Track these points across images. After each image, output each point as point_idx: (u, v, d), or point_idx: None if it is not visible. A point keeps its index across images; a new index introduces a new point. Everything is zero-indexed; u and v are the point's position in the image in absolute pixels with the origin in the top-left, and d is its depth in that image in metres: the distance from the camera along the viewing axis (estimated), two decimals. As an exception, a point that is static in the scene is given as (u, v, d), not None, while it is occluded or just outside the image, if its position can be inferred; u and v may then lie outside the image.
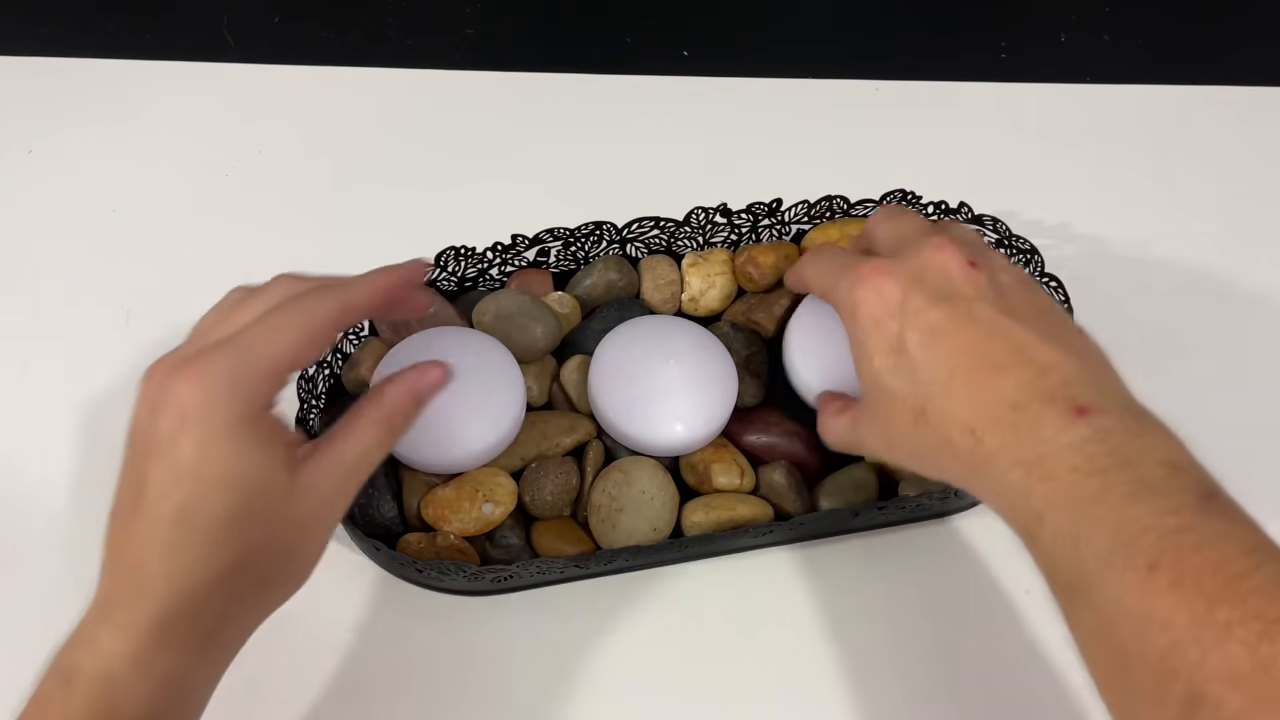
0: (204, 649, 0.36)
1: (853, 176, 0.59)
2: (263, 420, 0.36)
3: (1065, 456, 0.33)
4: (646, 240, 0.56)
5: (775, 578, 0.51)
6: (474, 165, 0.65)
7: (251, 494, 0.35)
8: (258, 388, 0.35)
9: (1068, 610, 0.34)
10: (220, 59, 0.69)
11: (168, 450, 0.34)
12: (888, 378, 0.39)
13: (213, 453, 0.34)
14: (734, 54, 0.70)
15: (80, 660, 0.35)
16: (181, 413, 0.34)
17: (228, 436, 0.34)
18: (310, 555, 0.39)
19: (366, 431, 0.39)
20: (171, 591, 0.34)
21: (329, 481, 0.37)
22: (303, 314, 0.37)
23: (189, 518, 0.34)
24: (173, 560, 0.34)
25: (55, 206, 0.63)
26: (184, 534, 0.34)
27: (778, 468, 0.50)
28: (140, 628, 0.34)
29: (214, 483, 0.34)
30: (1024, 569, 0.51)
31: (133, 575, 0.35)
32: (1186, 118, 0.67)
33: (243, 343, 0.35)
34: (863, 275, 0.40)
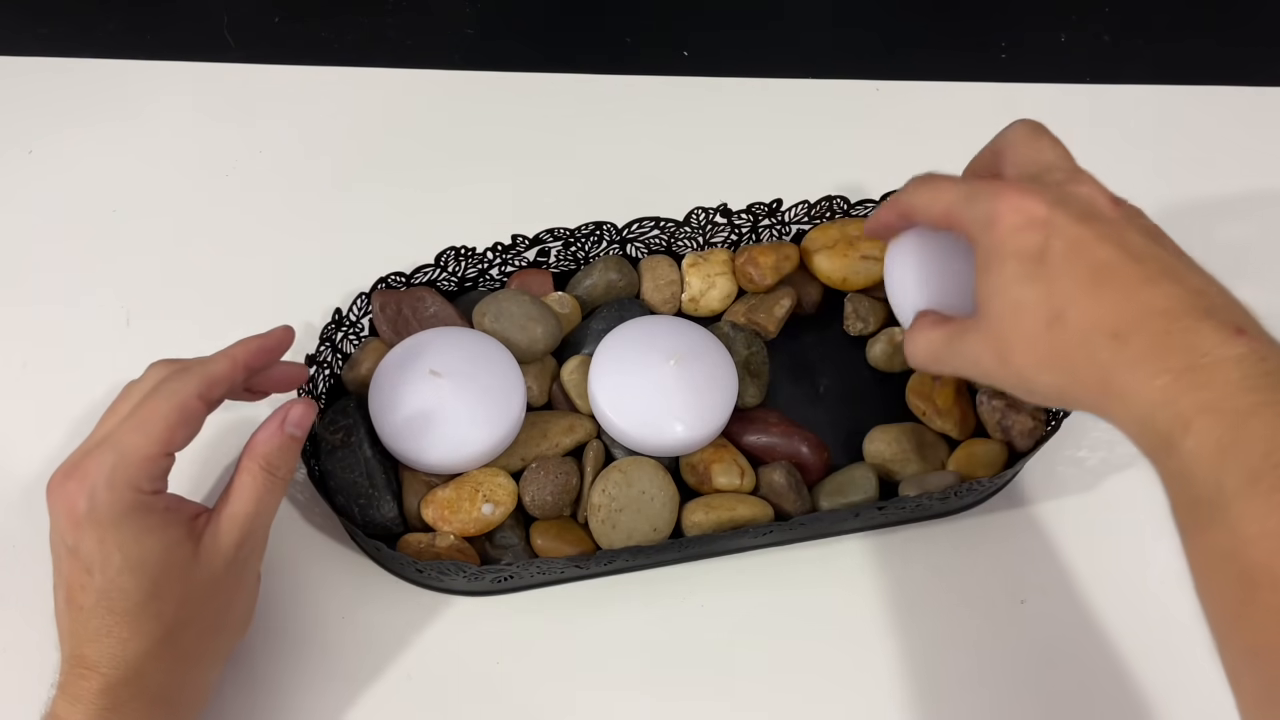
0: (157, 705, 0.41)
1: (853, 176, 0.59)
2: (153, 504, 0.40)
3: (1222, 369, 0.33)
4: (646, 240, 0.56)
5: (775, 578, 0.51)
6: (474, 165, 0.65)
7: (159, 571, 0.39)
8: (136, 478, 0.39)
9: (1193, 527, 0.33)
10: (220, 59, 0.69)
11: (73, 551, 0.39)
12: (1020, 286, 0.37)
13: (110, 545, 0.39)
14: (734, 54, 0.70)
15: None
16: (74, 517, 0.39)
17: (120, 527, 0.39)
18: (240, 606, 0.44)
19: (248, 485, 0.42)
20: (111, 667, 0.39)
21: (229, 541, 0.41)
22: (164, 399, 0.40)
23: (107, 604, 0.39)
24: (103, 643, 0.39)
25: (55, 206, 0.62)
26: (107, 619, 0.39)
27: (778, 468, 0.50)
28: (88, 698, 0.39)
29: (120, 570, 0.39)
30: (1023, 569, 0.51)
31: (76, 659, 0.39)
32: (1186, 118, 0.67)
33: (113, 442, 0.39)
34: (1002, 191, 0.38)
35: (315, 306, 0.58)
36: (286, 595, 0.50)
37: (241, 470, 0.42)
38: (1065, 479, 0.54)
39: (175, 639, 0.40)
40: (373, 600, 0.50)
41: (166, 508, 0.40)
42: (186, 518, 0.41)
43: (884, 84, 0.69)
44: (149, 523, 0.39)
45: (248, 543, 0.42)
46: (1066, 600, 0.51)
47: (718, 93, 0.68)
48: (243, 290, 0.59)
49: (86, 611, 0.39)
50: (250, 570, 0.44)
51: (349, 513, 0.49)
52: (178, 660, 0.41)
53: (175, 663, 0.41)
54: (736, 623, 0.50)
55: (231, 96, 0.67)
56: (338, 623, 0.50)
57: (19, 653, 0.49)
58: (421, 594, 0.50)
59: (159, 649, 0.40)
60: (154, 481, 0.40)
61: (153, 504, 0.40)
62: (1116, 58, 0.70)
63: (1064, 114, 0.67)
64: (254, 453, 0.42)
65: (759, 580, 0.51)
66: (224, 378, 0.42)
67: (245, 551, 0.42)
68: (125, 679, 0.39)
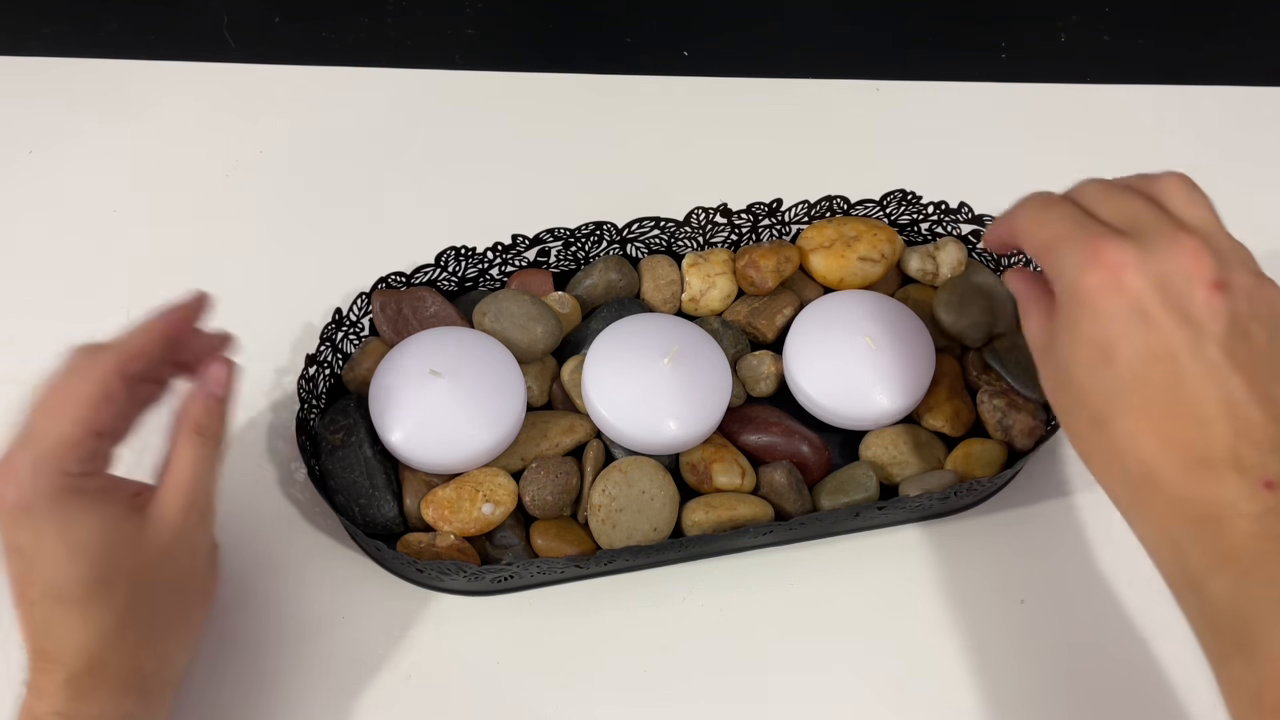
0: (125, 689, 0.40)
1: (853, 176, 0.59)
2: (84, 486, 0.39)
3: (1242, 522, 0.34)
4: (647, 240, 0.56)
5: (775, 578, 0.51)
6: (474, 165, 0.65)
7: (102, 553, 0.38)
8: (62, 463, 0.38)
9: (1222, 665, 0.35)
10: (220, 59, 0.69)
11: (14, 547, 0.38)
12: (1083, 372, 0.37)
13: (46, 534, 0.38)
14: (734, 54, 0.70)
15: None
16: (7, 513, 0.38)
17: (53, 515, 0.38)
18: (197, 577, 0.43)
19: (184, 452, 0.41)
20: (71, 657, 0.39)
21: (174, 510, 0.41)
22: (79, 379, 0.39)
23: (55, 595, 0.38)
24: (58, 635, 0.39)
25: (55, 206, 0.63)
26: (57, 609, 0.38)
27: (778, 468, 0.50)
28: (54, 690, 0.39)
29: (60, 559, 0.38)
30: (1022, 569, 0.52)
31: (38, 654, 0.39)
32: (1187, 118, 0.67)
33: (29, 432, 0.39)
34: (1102, 258, 0.36)
35: (315, 306, 0.58)
36: (286, 595, 0.50)
37: (175, 439, 0.41)
38: (1065, 479, 0.54)
39: (133, 619, 0.40)
40: (373, 600, 0.50)
41: (101, 488, 0.40)
42: (126, 495, 0.40)
43: (884, 84, 0.69)
44: (83, 504, 0.38)
45: (193, 510, 0.41)
46: (1066, 600, 0.51)
47: (718, 93, 0.68)
48: (243, 290, 0.59)
49: (37, 605, 0.39)
50: (202, 537, 0.43)
51: (349, 513, 0.49)
52: (140, 641, 0.40)
53: (137, 644, 0.40)
54: (736, 622, 0.50)
55: (231, 96, 0.67)
56: (338, 623, 0.50)
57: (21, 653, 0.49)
58: (422, 594, 0.50)
59: (117, 632, 0.39)
60: (82, 464, 0.39)
61: (84, 486, 0.39)
62: (1116, 58, 0.71)
63: (1064, 114, 0.68)
64: (183, 420, 0.42)
65: (759, 580, 0.51)
66: (140, 351, 0.41)
67: (192, 519, 0.41)
68: (88, 667, 0.39)
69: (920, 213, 0.56)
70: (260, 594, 0.50)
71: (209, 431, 0.42)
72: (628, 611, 0.50)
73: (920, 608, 0.51)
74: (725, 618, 0.50)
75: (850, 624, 0.50)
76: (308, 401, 0.50)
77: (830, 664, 0.49)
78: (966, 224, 0.56)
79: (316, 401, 0.51)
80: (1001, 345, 0.53)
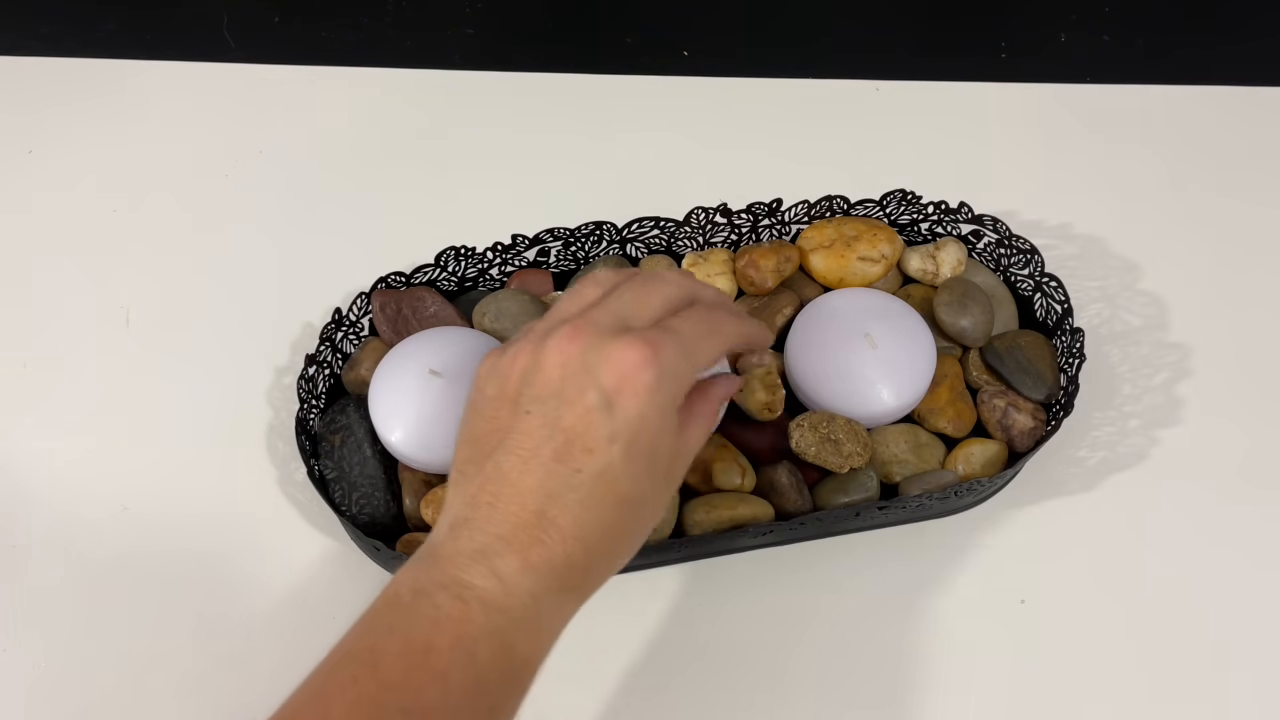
0: (581, 599, 0.37)
1: (853, 176, 0.59)
2: (679, 408, 0.38)
3: None
4: (646, 240, 0.56)
5: (775, 578, 0.51)
6: (474, 165, 0.65)
7: (660, 469, 0.37)
8: (688, 381, 0.38)
9: None
10: (220, 59, 0.69)
11: (605, 413, 0.35)
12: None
13: (649, 428, 0.36)
14: (734, 54, 0.70)
15: (479, 585, 0.35)
16: (630, 384, 0.35)
17: (663, 417, 0.36)
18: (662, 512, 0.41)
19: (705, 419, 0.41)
20: (578, 540, 0.35)
21: (683, 470, 0.40)
22: (730, 327, 0.40)
23: (610, 479, 0.36)
24: (586, 513, 0.35)
25: (55, 206, 0.63)
26: (604, 492, 0.36)
27: (779, 467, 0.50)
28: (546, 569, 0.35)
29: (641, 455, 0.36)
30: (1023, 569, 0.52)
31: (539, 519, 0.35)
32: (1186, 118, 0.67)
33: (687, 339, 0.37)
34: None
35: (315, 306, 0.58)
36: (286, 595, 0.50)
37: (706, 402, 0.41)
38: (1065, 479, 0.54)
39: (626, 535, 0.37)
40: (373, 600, 0.50)
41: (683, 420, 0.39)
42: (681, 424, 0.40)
43: (884, 84, 0.69)
44: (674, 425, 0.37)
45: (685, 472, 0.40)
46: (1066, 600, 0.51)
47: (718, 93, 0.68)
48: (243, 290, 0.59)
49: (580, 477, 0.35)
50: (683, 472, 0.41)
51: (349, 513, 0.49)
52: (612, 555, 0.38)
53: (609, 558, 0.37)
54: (736, 622, 0.50)
55: (231, 96, 0.67)
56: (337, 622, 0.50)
57: (21, 652, 0.49)
58: (418, 594, 0.50)
59: (615, 540, 0.37)
60: None
61: (679, 410, 0.38)
62: (1116, 58, 0.71)
63: (1064, 114, 0.68)
64: (712, 394, 0.41)
65: (759, 580, 0.51)
66: (750, 342, 0.42)
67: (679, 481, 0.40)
68: (579, 560, 0.36)
69: (920, 213, 0.56)
70: (260, 594, 0.50)
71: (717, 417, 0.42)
72: (626, 611, 0.50)
73: (920, 608, 0.51)
74: (725, 618, 0.50)
75: (850, 624, 0.50)
76: (307, 401, 0.50)
77: (830, 664, 0.49)
78: (966, 224, 0.56)
79: (316, 401, 0.51)
80: (1001, 345, 0.53)
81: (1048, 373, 0.52)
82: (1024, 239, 0.54)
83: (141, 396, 0.56)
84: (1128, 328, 0.58)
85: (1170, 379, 0.57)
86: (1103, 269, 0.61)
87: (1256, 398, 0.56)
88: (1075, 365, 0.51)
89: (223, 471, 0.53)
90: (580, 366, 0.36)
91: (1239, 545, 0.52)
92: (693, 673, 0.49)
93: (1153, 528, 0.52)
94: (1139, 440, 0.55)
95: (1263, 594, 0.51)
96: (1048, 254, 0.55)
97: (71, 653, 0.49)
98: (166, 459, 0.54)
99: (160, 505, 0.53)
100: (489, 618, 0.34)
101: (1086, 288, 0.60)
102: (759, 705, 0.48)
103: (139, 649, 0.49)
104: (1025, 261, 0.55)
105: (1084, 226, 0.62)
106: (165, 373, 0.57)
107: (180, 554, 0.51)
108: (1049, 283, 0.53)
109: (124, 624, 0.50)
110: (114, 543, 0.52)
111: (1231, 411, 0.56)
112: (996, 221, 0.55)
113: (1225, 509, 0.53)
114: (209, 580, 0.51)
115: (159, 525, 0.52)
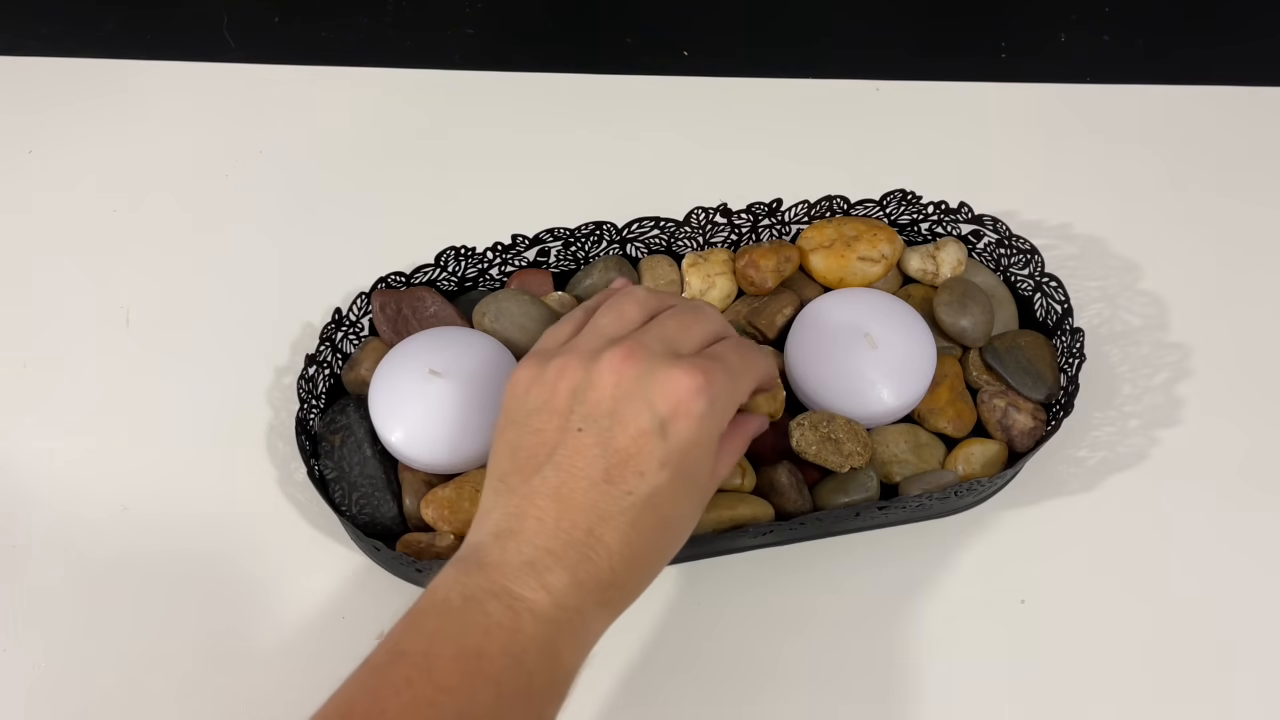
0: (617, 612, 0.38)
1: (853, 176, 0.59)
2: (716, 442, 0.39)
3: None
4: (646, 240, 0.56)
5: (775, 578, 0.51)
6: (474, 165, 0.65)
7: (699, 495, 0.39)
8: (732, 411, 0.39)
9: None
10: (220, 59, 0.69)
11: (659, 437, 0.37)
12: None
13: (698, 457, 0.37)
14: (734, 54, 0.70)
15: (529, 597, 0.35)
16: (685, 410, 0.37)
17: (710, 446, 0.38)
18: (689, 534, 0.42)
19: (738, 446, 0.43)
20: (623, 559, 0.36)
21: (723, 479, 0.42)
22: (760, 360, 0.42)
23: (657, 502, 0.37)
24: (634, 534, 0.36)
25: (55, 206, 0.63)
26: (651, 514, 0.37)
27: (779, 467, 0.50)
28: (593, 585, 0.36)
29: (686, 480, 0.37)
30: (1023, 569, 0.52)
31: (588, 537, 0.36)
32: (1186, 118, 0.67)
33: (734, 370, 0.39)
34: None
35: (315, 306, 0.58)
36: (286, 595, 0.50)
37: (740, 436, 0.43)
38: (1065, 479, 0.54)
39: (659, 558, 0.39)
40: (373, 600, 0.50)
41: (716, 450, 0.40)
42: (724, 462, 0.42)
43: (884, 84, 0.69)
44: (713, 453, 0.39)
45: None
46: (1066, 600, 0.51)
47: (718, 93, 0.68)
48: (243, 290, 0.59)
49: (629, 500, 0.36)
50: None
51: (349, 513, 0.49)
52: (647, 577, 0.39)
53: (644, 585, 0.39)
54: (736, 622, 0.50)
55: (231, 96, 0.67)
56: (337, 623, 0.50)
57: (21, 652, 0.49)
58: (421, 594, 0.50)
59: (652, 563, 0.38)
60: None
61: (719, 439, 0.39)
62: (1116, 58, 0.71)
63: (1064, 114, 0.68)
64: (745, 429, 0.44)
65: (759, 580, 0.51)
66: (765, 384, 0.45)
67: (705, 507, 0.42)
68: (619, 579, 0.37)
69: (920, 213, 0.56)
70: (259, 594, 0.50)
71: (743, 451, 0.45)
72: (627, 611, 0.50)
73: (920, 608, 0.51)
74: (725, 618, 0.50)
75: (850, 624, 0.50)
76: (307, 401, 0.50)
77: (831, 664, 0.49)
78: (966, 224, 0.56)
79: (316, 401, 0.51)
80: (1001, 345, 0.53)
81: (1048, 373, 0.52)
82: (1024, 239, 0.54)
83: (141, 396, 0.56)
84: (1128, 328, 0.58)
85: (1170, 379, 0.57)
86: (1103, 269, 0.61)
87: (1256, 398, 0.56)
88: (1075, 365, 0.51)
89: (223, 471, 0.53)
90: (636, 388, 0.37)
91: (1239, 545, 0.52)
92: (692, 673, 0.49)
93: (1153, 528, 0.52)
94: (1139, 440, 0.55)
95: (1264, 594, 0.51)
96: (1048, 254, 0.55)
97: (71, 653, 0.49)
98: (166, 459, 0.54)
99: (160, 505, 0.53)
100: (539, 628, 0.35)
101: (1086, 288, 0.60)
102: (759, 705, 0.48)
103: (139, 649, 0.49)
104: (1025, 261, 0.55)
105: (1084, 226, 0.62)
106: (165, 373, 0.57)
107: (180, 554, 0.51)
108: (1049, 283, 0.53)
109: (124, 624, 0.50)
110: (114, 543, 0.52)
111: (1231, 411, 0.56)
112: (996, 221, 0.55)
113: (1225, 509, 0.53)
114: (209, 580, 0.51)
115: (159, 525, 0.52)
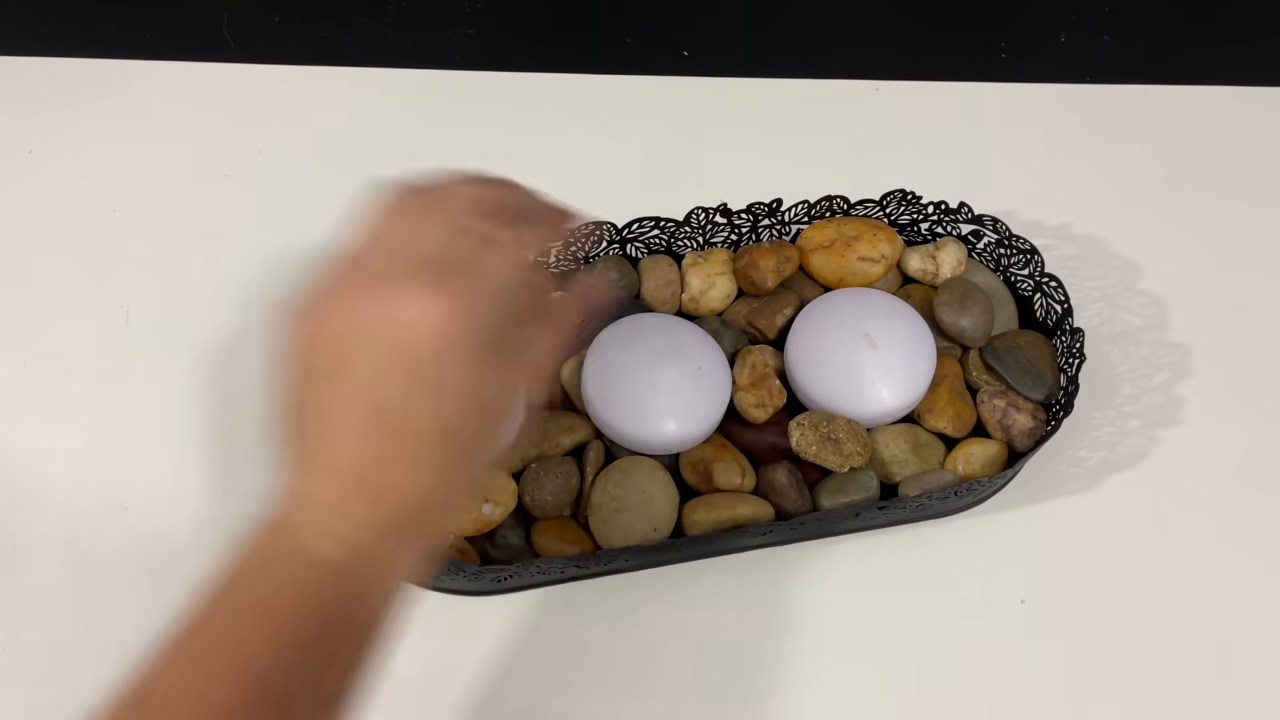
0: (422, 545, 0.37)
1: (853, 176, 0.59)
2: (503, 346, 0.36)
3: None
4: (646, 240, 0.56)
5: (775, 578, 0.51)
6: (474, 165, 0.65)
7: (493, 418, 0.36)
8: (512, 310, 0.35)
9: None
10: (220, 59, 0.69)
11: (419, 368, 0.34)
12: None
13: (470, 376, 0.34)
14: (734, 54, 0.70)
15: (321, 550, 0.34)
16: (441, 334, 0.33)
17: (482, 362, 0.34)
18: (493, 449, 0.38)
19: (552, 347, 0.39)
20: (414, 494, 0.34)
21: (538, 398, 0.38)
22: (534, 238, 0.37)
23: (440, 435, 0.34)
24: (415, 472, 0.34)
25: (55, 206, 0.63)
26: (438, 449, 0.34)
27: (779, 467, 0.50)
28: (384, 527, 0.34)
29: (468, 405, 0.34)
30: (1023, 569, 0.52)
31: (368, 483, 0.34)
32: (1186, 118, 0.67)
33: (487, 268, 0.35)
34: None
35: (315, 306, 0.58)
36: (286, 595, 0.50)
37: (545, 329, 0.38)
38: (1065, 479, 0.54)
39: (461, 491, 0.36)
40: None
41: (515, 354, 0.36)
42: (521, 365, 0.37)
43: (884, 84, 0.69)
44: (496, 362, 0.35)
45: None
46: (1066, 600, 0.51)
47: (718, 93, 0.68)
48: (243, 290, 0.59)
49: (405, 436, 0.34)
50: None
51: (349, 513, 0.48)
52: (445, 511, 0.37)
53: (443, 513, 0.37)
54: (736, 622, 0.50)
55: (231, 96, 0.67)
56: (338, 623, 0.50)
57: (21, 652, 0.49)
58: (422, 594, 0.50)
59: (450, 497, 0.36)
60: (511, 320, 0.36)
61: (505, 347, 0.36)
62: (1116, 58, 0.71)
63: (1064, 114, 0.68)
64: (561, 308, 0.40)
65: (759, 580, 0.51)
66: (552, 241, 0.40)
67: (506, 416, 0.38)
68: (411, 519, 0.35)
69: (920, 213, 0.56)
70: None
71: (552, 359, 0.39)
72: (627, 611, 0.50)
73: (920, 608, 0.51)
74: (725, 617, 0.50)
75: (850, 624, 0.50)
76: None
77: (830, 664, 0.49)
78: (966, 224, 0.56)
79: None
80: (1001, 345, 0.53)
81: (1048, 373, 0.52)
82: (1024, 239, 0.54)
83: (141, 396, 0.56)
84: (1128, 328, 0.58)
85: (1170, 379, 0.57)
86: (1103, 269, 0.61)
87: (1256, 398, 0.56)
88: (1075, 365, 0.51)
89: (223, 471, 0.53)
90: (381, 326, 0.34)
91: (1239, 545, 0.52)
92: (692, 673, 0.49)
93: (1153, 528, 0.53)
94: (1139, 440, 0.55)
95: (1264, 594, 0.51)
96: (1048, 254, 0.55)
97: (71, 653, 0.49)
98: (166, 459, 0.54)
99: (160, 505, 0.53)
100: (336, 581, 0.34)
101: (1086, 288, 0.60)
102: (759, 704, 0.48)
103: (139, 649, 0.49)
104: (1025, 261, 0.55)
105: (1084, 226, 0.62)
106: (165, 373, 0.57)
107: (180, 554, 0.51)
108: (1049, 283, 0.53)
109: (124, 624, 0.50)
110: (114, 543, 0.52)
111: (1231, 411, 0.56)
112: (996, 221, 0.55)
113: (1225, 509, 0.53)
114: (209, 580, 0.51)
115: (159, 525, 0.52)
